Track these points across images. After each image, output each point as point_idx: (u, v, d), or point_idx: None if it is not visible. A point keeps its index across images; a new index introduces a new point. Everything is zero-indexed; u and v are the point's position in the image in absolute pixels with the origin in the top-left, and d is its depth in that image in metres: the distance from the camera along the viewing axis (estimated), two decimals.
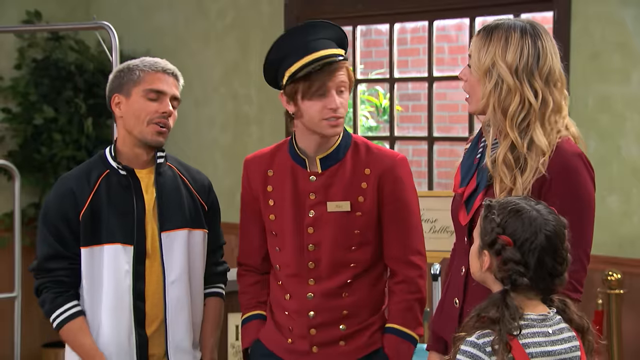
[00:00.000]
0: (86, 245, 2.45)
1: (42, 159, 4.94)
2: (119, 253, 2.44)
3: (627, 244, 3.77)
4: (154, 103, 2.47)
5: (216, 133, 5.02)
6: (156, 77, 2.48)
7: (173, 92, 2.51)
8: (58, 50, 5.08)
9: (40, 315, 5.20)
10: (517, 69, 2.19)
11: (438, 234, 3.35)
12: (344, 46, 2.48)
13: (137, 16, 5.26)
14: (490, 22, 2.27)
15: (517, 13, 4.07)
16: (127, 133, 2.50)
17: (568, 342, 1.90)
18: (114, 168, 2.50)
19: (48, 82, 4.98)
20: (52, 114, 4.90)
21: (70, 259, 2.46)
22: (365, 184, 2.45)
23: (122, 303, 2.45)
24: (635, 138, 3.73)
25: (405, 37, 6.35)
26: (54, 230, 2.46)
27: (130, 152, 2.51)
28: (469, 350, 1.85)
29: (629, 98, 3.74)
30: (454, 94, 6.16)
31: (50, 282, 2.47)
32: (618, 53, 3.75)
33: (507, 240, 1.88)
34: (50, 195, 2.51)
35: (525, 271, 1.87)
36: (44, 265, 2.47)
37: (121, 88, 2.50)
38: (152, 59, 2.53)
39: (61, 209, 2.46)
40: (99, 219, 2.45)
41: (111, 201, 2.46)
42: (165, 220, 2.49)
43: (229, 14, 4.94)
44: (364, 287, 2.47)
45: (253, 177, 2.53)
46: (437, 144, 4.74)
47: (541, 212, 1.91)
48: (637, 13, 3.71)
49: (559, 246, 1.89)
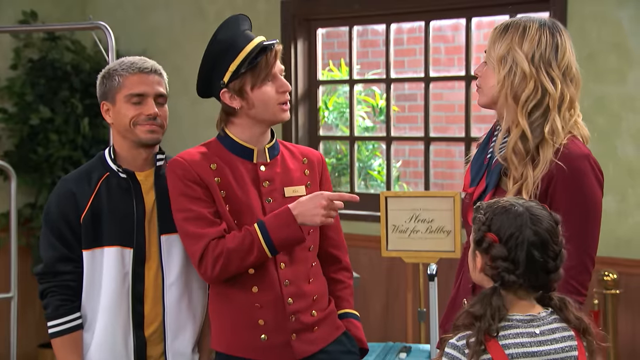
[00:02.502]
0: (87, 248, 2.44)
1: (39, 159, 4.94)
2: (118, 255, 2.44)
3: (623, 244, 3.77)
4: (138, 107, 2.46)
5: (213, 133, 5.01)
6: (135, 80, 2.47)
7: (156, 90, 2.50)
8: (54, 51, 5.07)
9: (37, 316, 5.25)
10: (534, 57, 2.17)
11: (434, 234, 3.36)
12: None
13: (133, 16, 5.26)
14: (509, 20, 2.26)
15: (513, 13, 4.08)
16: (121, 137, 2.50)
17: (561, 342, 1.88)
18: (113, 170, 2.49)
19: (44, 82, 4.97)
20: (49, 114, 4.90)
21: (75, 261, 2.45)
22: (308, 171, 2.56)
23: (121, 305, 2.45)
24: (631, 138, 3.73)
25: (402, 37, 6.35)
26: (57, 233, 2.45)
27: (128, 154, 2.51)
28: (450, 352, 1.86)
29: (625, 98, 3.74)
30: (450, 95, 6.16)
31: (57, 287, 2.45)
32: (614, 53, 3.75)
33: (493, 237, 1.87)
34: (52, 198, 2.50)
35: (513, 268, 1.86)
36: (51, 268, 2.45)
37: (106, 95, 2.50)
38: (129, 60, 2.51)
39: (63, 212, 2.45)
40: (100, 222, 2.44)
41: (111, 204, 2.45)
42: (165, 223, 2.48)
43: (225, 14, 4.93)
44: (320, 273, 2.56)
45: (199, 169, 2.44)
46: (434, 144, 4.74)
47: (530, 209, 1.89)
48: (633, 13, 3.71)
49: (548, 241, 1.87)
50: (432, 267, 3.17)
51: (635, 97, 3.72)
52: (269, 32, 4.77)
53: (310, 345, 2.47)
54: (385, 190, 4.38)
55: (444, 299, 3.67)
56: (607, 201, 3.77)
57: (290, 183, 2.51)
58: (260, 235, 2.38)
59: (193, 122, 5.07)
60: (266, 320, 2.43)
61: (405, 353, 3.38)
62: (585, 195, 2.13)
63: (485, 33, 5.96)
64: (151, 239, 2.48)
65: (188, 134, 5.09)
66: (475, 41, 4.34)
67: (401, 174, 6.64)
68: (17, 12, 5.09)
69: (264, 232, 2.38)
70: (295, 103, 4.72)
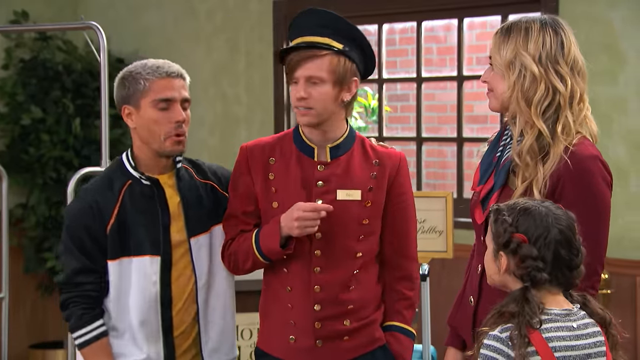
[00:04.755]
0: (114, 258, 2.41)
1: (30, 160, 4.93)
2: (147, 264, 2.41)
3: (614, 244, 3.76)
4: (165, 113, 2.39)
5: (205, 133, 5.01)
6: (163, 85, 2.39)
7: (182, 95, 2.43)
8: (46, 51, 5.06)
9: (27, 316, 5.24)
10: (541, 57, 2.17)
11: (426, 234, 3.36)
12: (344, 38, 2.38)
13: (125, 16, 5.25)
14: (508, 22, 2.26)
15: (505, 13, 4.09)
16: (143, 143, 2.44)
17: (592, 337, 1.92)
18: (136, 178, 2.44)
19: (36, 82, 4.96)
20: (40, 114, 4.88)
21: (97, 272, 2.42)
22: (375, 174, 2.44)
23: (150, 312, 2.42)
24: (622, 139, 3.75)
25: (394, 37, 6.35)
26: (79, 244, 2.41)
27: (149, 159, 2.45)
28: (492, 344, 1.87)
29: (616, 99, 3.75)
30: (442, 95, 6.17)
31: (78, 297, 2.43)
32: (605, 54, 3.76)
33: (522, 237, 1.92)
34: (74, 208, 2.45)
35: (543, 266, 1.90)
36: (73, 279, 2.43)
37: (129, 99, 2.42)
38: (154, 64, 2.42)
39: (87, 223, 2.40)
40: (126, 232, 2.40)
41: (137, 213, 2.41)
42: (193, 226, 2.46)
43: (217, 14, 4.94)
44: (370, 281, 2.45)
45: (254, 163, 2.45)
46: (426, 144, 4.74)
47: (549, 208, 1.95)
48: (625, 14, 3.72)
49: (572, 238, 1.93)
50: (424, 267, 3.17)
51: (626, 98, 3.73)
52: (261, 32, 4.77)
53: (336, 354, 2.41)
54: None
55: (436, 299, 3.67)
56: None
57: (347, 185, 2.41)
58: (254, 242, 2.41)
59: None
60: (295, 322, 2.41)
61: None
62: (594, 195, 2.13)
63: (478, 33, 5.97)
64: (177, 243, 2.45)
65: None
66: (467, 41, 4.35)
67: None
68: (8, 12, 5.08)
69: (257, 239, 2.40)
70: (287, 104, 4.72)
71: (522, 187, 2.16)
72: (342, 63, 2.37)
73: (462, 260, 4.10)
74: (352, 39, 2.40)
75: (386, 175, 2.45)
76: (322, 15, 2.40)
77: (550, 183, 2.13)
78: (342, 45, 2.37)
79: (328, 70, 2.35)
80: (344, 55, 2.38)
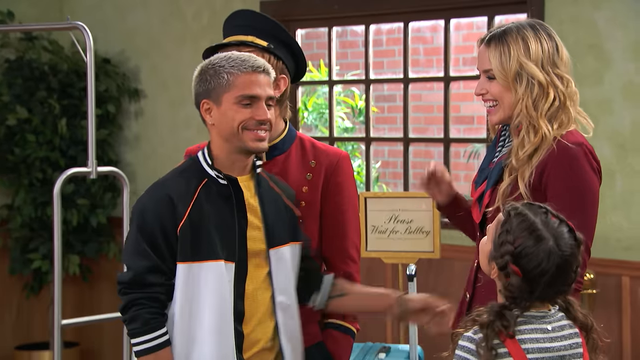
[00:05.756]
0: (184, 261, 2.20)
1: (16, 160, 4.90)
2: (221, 271, 2.20)
3: (600, 244, 3.79)
4: (247, 109, 2.22)
5: (192, 134, 5.00)
6: (248, 80, 2.22)
7: (267, 93, 2.25)
8: (31, 51, 5.03)
9: (13, 318, 5.21)
10: (543, 63, 2.21)
11: (413, 234, 3.37)
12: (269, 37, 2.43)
13: (111, 16, 5.23)
14: (493, 30, 2.26)
15: (491, 15, 4.10)
16: (223, 141, 2.26)
17: (569, 339, 1.92)
18: (212, 176, 2.25)
19: (21, 83, 4.93)
20: (26, 115, 4.86)
21: (166, 274, 2.21)
22: (310, 175, 2.45)
23: (225, 325, 2.20)
24: (607, 139, 3.77)
25: (381, 38, 6.37)
26: (150, 241, 2.20)
27: (227, 158, 2.26)
28: (466, 345, 1.88)
29: (601, 100, 3.77)
30: (428, 96, 6.19)
31: (146, 299, 2.19)
32: (590, 55, 3.78)
33: (517, 271, 1.86)
34: (145, 202, 2.24)
35: (529, 297, 1.88)
36: (142, 278, 2.19)
37: (209, 94, 2.24)
38: (238, 57, 2.25)
39: (159, 220, 2.20)
40: (199, 233, 2.21)
41: (212, 214, 2.22)
42: (273, 236, 2.28)
43: (204, 15, 4.93)
44: None
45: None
46: (413, 145, 4.75)
47: (557, 237, 1.87)
48: (609, 15, 3.75)
49: (569, 271, 1.88)
50: (411, 267, 3.18)
51: (611, 99, 3.75)
52: None
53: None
54: (365, 191, 4.39)
55: None
56: None
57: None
58: None
59: (171, 122, 5.06)
60: None
61: (384, 353, 3.39)
62: (579, 180, 2.15)
63: (465, 34, 6.00)
64: (253, 252, 2.26)
65: (166, 133, 5.07)
66: (453, 42, 4.36)
67: (380, 174, 6.66)
68: None
69: None
70: None
71: (508, 181, 2.20)
72: (267, 60, 2.36)
73: (449, 260, 4.12)
74: (277, 38, 2.44)
75: (322, 175, 2.45)
76: (248, 15, 2.46)
77: (536, 172, 2.17)
78: (266, 43, 2.42)
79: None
80: (269, 53, 2.41)
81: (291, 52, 2.48)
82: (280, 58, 2.44)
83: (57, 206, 3.35)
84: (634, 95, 3.70)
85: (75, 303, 5.16)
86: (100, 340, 5.28)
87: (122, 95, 5.12)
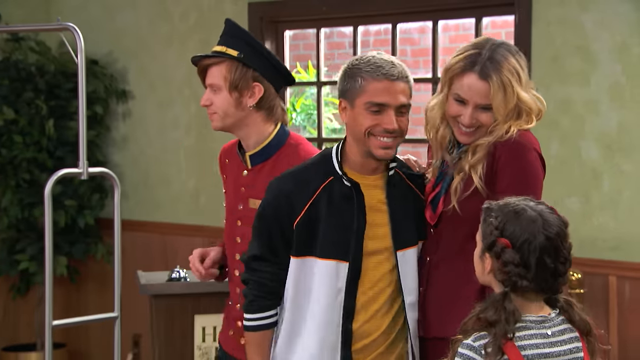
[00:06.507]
0: (298, 256, 2.29)
1: (3, 161, 4.87)
2: (333, 269, 2.27)
3: (587, 244, 3.83)
4: (377, 116, 2.24)
5: (180, 134, 4.99)
6: (379, 88, 2.23)
7: (400, 101, 2.25)
8: (18, 52, 5.01)
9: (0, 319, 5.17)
10: (527, 87, 2.31)
11: None
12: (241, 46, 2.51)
13: (98, 17, 5.21)
14: (480, 59, 2.27)
15: (479, 16, 4.12)
16: (353, 141, 2.30)
17: (569, 344, 1.91)
18: (338, 175, 2.29)
19: (8, 84, 4.91)
20: (13, 116, 4.83)
21: (276, 264, 2.30)
22: None
23: (332, 321, 2.28)
24: (595, 140, 3.79)
25: (368, 39, 6.38)
26: (265, 233, 2.30)
27: (358, 159, 2.31)
28: (466, 353, 1.87)
29: (588, 100, 3.80)
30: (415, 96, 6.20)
31: (253, 282, 2.34)
32: (577, 56, 3.81)
33: (506, 242, 1.88)
34: (269, 193, 2.33)
35: (525, 273, 1.87)
36: (250, 264, 2.34)
37: (345, 94, 2.29)
38: (376, 62, 2.26)
39: (276, 212, 2.28)
40: (315, 230, 2.26)
41: (331, 212, 2.26)
42: (400, 237, 2.31)
43: (192, 15, 4.92)
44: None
45: (219, 165, 2.69)
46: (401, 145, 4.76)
47: (541, 213, 1.90)
48: (596, 17, 3.77)
49: (560, 246, 1.89)
50: None
51: (598, 100, 3.78)
52: None
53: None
54: None
55: None
56: (571, 202, 3.83)
57: (259, 194, 2.45)
58: None
59: (159, 123, 5.05)
60: (229, 318, 2.64)
61: None
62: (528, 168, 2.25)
63: (452, 36, 6.02)
64: (371, 252, 2.30)
65: (154, 134, 5.06)
66: (441, 44, 4.37)
67: None
68: None
69: None
70: None
71: (458, 178, 2.27)
72: (237, 69, 2.48)
73: None
74: (249, 46, 2.51)
75: None
76: (230, 25, 2.55)
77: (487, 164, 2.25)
78: (237, 52, 2.49)
79: (223, 77, 2.49)
80: (240, 62, 2.49)
81: (266, 60, 2.54)
82: (251, 67, 2.51)
83: (48, 207, 3.34)
84: (620, 96, 3.73)
85: (63, 304, 5.14)
86: (87, 341, 5.27)
87: (110, 97, 5.10)
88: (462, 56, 2.30)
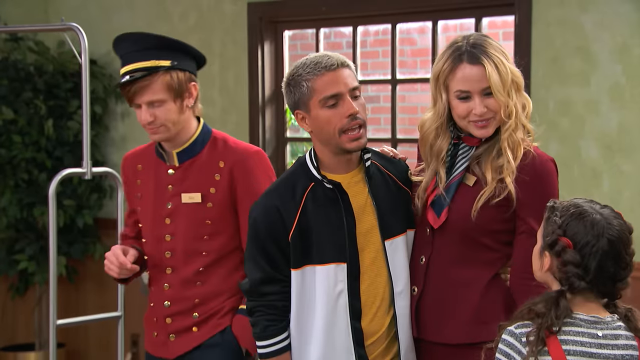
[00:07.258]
0: (297, 267, 2.28)
1: (2, 161, 4.87)
2: (332, 273, 2.28)
3: None
4: (335, 109, 2.26)
5: None
6: (326, 81, 2.26)
7: (349, 85, 2.27)
8: (17, 52, 5.01)
9: None
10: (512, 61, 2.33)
11: None
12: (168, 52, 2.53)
13: (96, 17, 5.20)
14: (464, 49, 2.30)
15: (479, 17, 4.13)
16: (323, 145, 2.32)
17: (622, 349, 1.87)
18: (318, 180, 2.31)
19: (7, 84, 4.91)
20: (12, 116, 4.83)
21: (283, 282, 2.29)
22: (219, 176, 2.57)
23: (338, 323, 2.29)
24: (595, 140, 3.81)
25: (366, 39, 6.39)
26: (263, 252, 2.29)
27: (331, 160, 2.32)
28: (507, 339, 1.89)
29: (588, 101, 3.82)
30: (412, 97, 6.22)
31: (263, 307, 2.31)
32: (577, 57, 3.83)
33: (567, 242, 1.88)
34: (257, 213, 2.32)
35: (584, 274, 1.87)
36: (257, 289, 2.31)
37: (298, 105, 2.30)
38: (312, 61, 2.29)
39: (269, 229, 2.28)
40: (309, 238, 2.28)
41: (319, 218, 2.28)
42: (387, 228, 2.32)
43: (191, 16, 4.93)
44: (218, 277, 2.59)
45: (126, 173, 2.70)
46: (400, 145, 4.77)
47: (605, 216, 1.90)
48: (596, 18, 3.79)
49: (622, 251, 1.88)
50: None
51: (598, 100, 3.80)
52: (235, 34, 4.77)
53: (185, 345, 2.60)
54: None
55: None
56: None
57: (190, 189, 2.53)
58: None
59: None
60: (157, 318, 2.64)
61: None
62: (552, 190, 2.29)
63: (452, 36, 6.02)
64: (364, 247, 2.32)
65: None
66: (441, 44, 4.38)
67: None
68: None
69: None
70: (262, 105, 4.72)
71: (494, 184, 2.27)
72: (176, 77, 2.53)
73: None
74: (175, 49, 2.55)
75: (228, 176, 2.57)
76: (137, 39, 2.55)
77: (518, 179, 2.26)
78: (169, 61, 2.52)
79: (165, 90, 2.51)
80: (175, 69, 2.53)
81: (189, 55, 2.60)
82: (185, 69, 2.56)
83: (52, 207, 3.35)
84: (620, 97, 3.75)
85: (61, 304, 5.12)
86: (86, 341, 5.27)
87: (109, 96, 5.10)
88: (445, 56, 2.33)
